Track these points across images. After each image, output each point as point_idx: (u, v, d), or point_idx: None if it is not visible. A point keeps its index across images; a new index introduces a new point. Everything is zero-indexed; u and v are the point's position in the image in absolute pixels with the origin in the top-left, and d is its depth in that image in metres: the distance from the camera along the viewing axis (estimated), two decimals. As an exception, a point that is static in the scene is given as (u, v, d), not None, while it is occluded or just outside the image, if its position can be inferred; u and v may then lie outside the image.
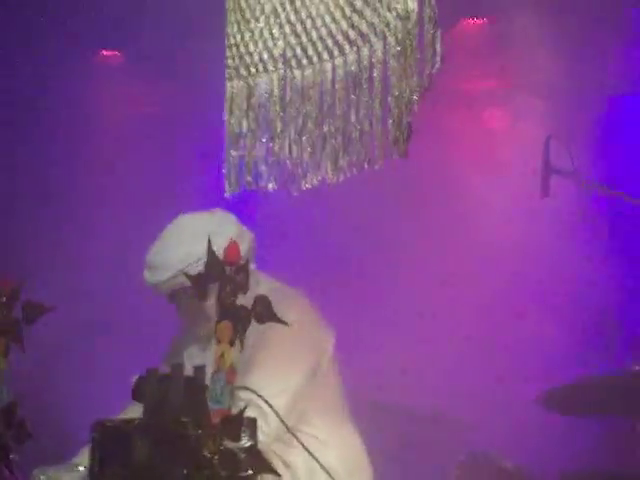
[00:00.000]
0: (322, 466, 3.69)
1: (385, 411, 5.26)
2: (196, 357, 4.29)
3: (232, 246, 3.28)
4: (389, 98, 2.67)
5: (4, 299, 3.64)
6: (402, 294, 6.29)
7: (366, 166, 2.68)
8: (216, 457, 3.20)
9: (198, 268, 3.56)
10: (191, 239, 4.17)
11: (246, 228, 4.41)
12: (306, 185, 2.80)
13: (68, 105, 7.01)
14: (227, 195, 3.03)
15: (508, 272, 6.44)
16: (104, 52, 7.44)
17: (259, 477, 3.22)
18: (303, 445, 3.70)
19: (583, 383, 5.18)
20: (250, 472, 3.26)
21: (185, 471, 3.20)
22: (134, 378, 3.44)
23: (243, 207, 4.94)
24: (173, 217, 4.37)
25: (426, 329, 6.28)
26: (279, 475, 3.37)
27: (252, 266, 4.21)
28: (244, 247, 4.11)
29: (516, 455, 5.28)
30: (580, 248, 6.35)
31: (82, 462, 3.79)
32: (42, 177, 6.93)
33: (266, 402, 3.48)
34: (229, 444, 3.22)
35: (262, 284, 4.11)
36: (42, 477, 3.83)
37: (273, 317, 3.29)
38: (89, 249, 6.54)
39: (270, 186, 2.89)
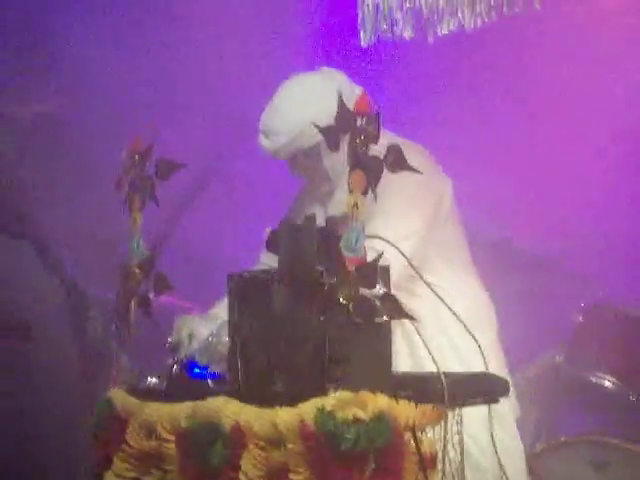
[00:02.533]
0: (453, 312, 3.73)
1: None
2: (317, 213, 4.33)
3: (363, 97, 3.33)
4: None
5: (137, 157, 3.73)
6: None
7: (505, 10, 2.70)
8: (351, 304, 3.27)
9: (314, 130, 3.61)
10: (305, 101, 4.21)
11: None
12: (442, 31, 2.82)
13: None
14: (363, 44, 3.06)
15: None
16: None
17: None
18: (431, 287, 3.74)
19: None
20: (385, 318, 3.35)
21: (321, 318, 3.30)
22: (267, 231, 3.53)
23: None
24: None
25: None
26: (416, 320, 3.44)
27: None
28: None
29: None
30: None
31: (219, 313, 3.88)
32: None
33: (396, 248, 3.53)
34: (364, 291, 3.30)
35: (383, 137, 4.11)
36: (182, 325, 3.93)
37: (405, 166, 3.35)
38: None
39: (406, 33, 2.92)
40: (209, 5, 6.56)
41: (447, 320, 4.08)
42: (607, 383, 5.14)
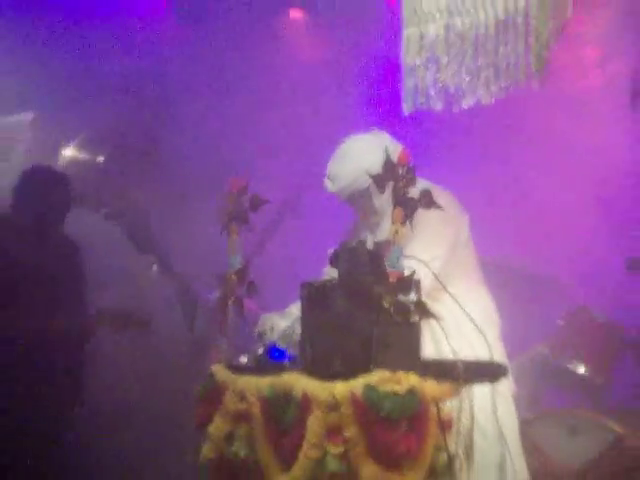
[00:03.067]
0: (466, 313, 3.69)
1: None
2: (367, 238, 4.31)
3: (404, 152, 3.31)
4: (530, 38, 2.67)
5: (236, 194, 3.73)
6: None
7: (511, 90, 2.70)
8: (392, 307, 3.26)
9: (366, 177, 3.59)
10: (360, 155, 4.19)
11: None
12: (465, 105, 2.82)
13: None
14: (406, 113, 3.06)
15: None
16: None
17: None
18: (452, 296, 3.71)
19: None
20: (417, 318, 3.33)
21: (370, 317, 3.28)
22: (330, 251, 3.51)
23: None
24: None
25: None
26: (440, 319, 3.41)
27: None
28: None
29: (608, 312, 5.25)
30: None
31: (294, 311, 3.87)
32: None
33: (427, 266, 3.51)
34: (402, 298, 3.29)
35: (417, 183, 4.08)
36: (266, 320, 3.92)
37: (434, 205, 3.33)
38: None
39: (437, 106, 2.92)
40: (291, 78, 6.57)
41: (462, 321, 4.04)
42: (581, 370, 5.10)
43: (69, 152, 6.32)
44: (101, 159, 6.18)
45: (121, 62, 6.40)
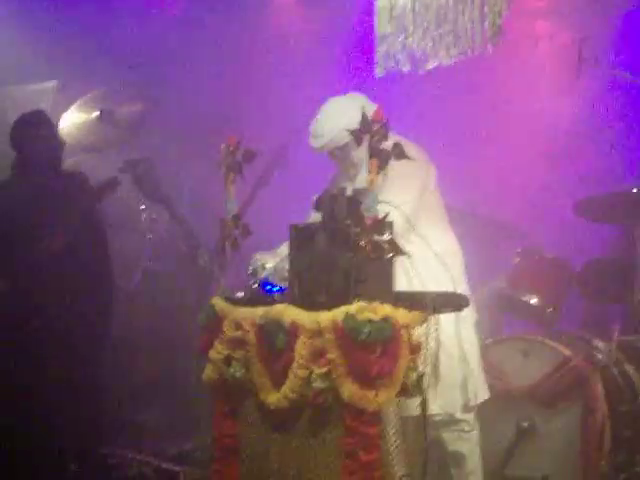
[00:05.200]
0: (435, 252, 3.70)
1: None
2: (347, 186, 4.30)
3: (378, 110, 3.30)
4: (485, 7, 2.67)
5: (232, 149, 3.71)
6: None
7: (469, 54, 2.70)
8: (368, 246, 3.27)
9: (346, 133, 3.57)
10: (339, 115, 4.17)
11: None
12: (428, 67, 2.82)
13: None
14: (378, 75, 3.05)
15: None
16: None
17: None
18: (421, 236, 3.71)
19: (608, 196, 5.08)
20: (390, 255, 3.34)
21: (349, 255, 3.29)
22: (314, 196, 3.51)
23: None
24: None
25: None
26: (409, 256, 3.42)
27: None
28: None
29: (557, 250, 5.26)
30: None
31: (283, 250, 3.87)
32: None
33: (398, 209, 3.50)
34: (377, 238, 3.29)
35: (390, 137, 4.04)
36: (258, 258, 3.92)
37: (404, 156, 3.32)
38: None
39: (405, 68, 2.92)
40: (279, 47, 6.53)
41: (430, 258, 4.06)
42: (533, 300, 5.11)
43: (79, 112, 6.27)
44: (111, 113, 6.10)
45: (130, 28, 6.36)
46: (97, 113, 6.10)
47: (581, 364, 4.70)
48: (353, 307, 3.20)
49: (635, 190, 4.82)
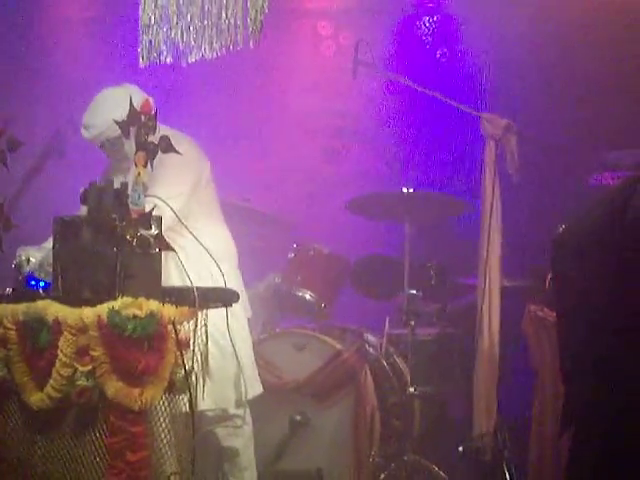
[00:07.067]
0: (203, 246, 3.66)
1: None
2: (120, 179, 4.22)
3: (146, 102, 3.27)
4: (247, 4, 2.69)
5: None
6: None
7: (231, 48, 2.71)
8: (134, 240, 3.22)
9: (116, 126, 3.50)
10: (111, 106, 4.10)
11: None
12: (191, 59, 2.82)
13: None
14: (142, 65, 3.02)
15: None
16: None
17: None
18: (190, 231, 3.68)
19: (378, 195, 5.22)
20: (157, 250, 3.30)
21: (114, 249, 3.23)
22: (82, 190, 3.42)
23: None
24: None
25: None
26: (174, 250, 3.40)
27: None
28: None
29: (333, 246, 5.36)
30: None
31: (48, 245, 3.74)
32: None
33: (165, 203, 3.46)
34: (143, 232, 3.25)
35: (161, 130, 3.98)
36: (22, 253, 3.79)
37: (172, 149, 3.30)
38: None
39: (168, 59, 2.90)
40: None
41: (203, 252, 4.03)
42: (307, 296, 5.19)
43: None
44: None
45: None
46: None
47: (352, 357, 4.83)
48: (117, 303, 3.14)
49: (405, 190, 4.99)
